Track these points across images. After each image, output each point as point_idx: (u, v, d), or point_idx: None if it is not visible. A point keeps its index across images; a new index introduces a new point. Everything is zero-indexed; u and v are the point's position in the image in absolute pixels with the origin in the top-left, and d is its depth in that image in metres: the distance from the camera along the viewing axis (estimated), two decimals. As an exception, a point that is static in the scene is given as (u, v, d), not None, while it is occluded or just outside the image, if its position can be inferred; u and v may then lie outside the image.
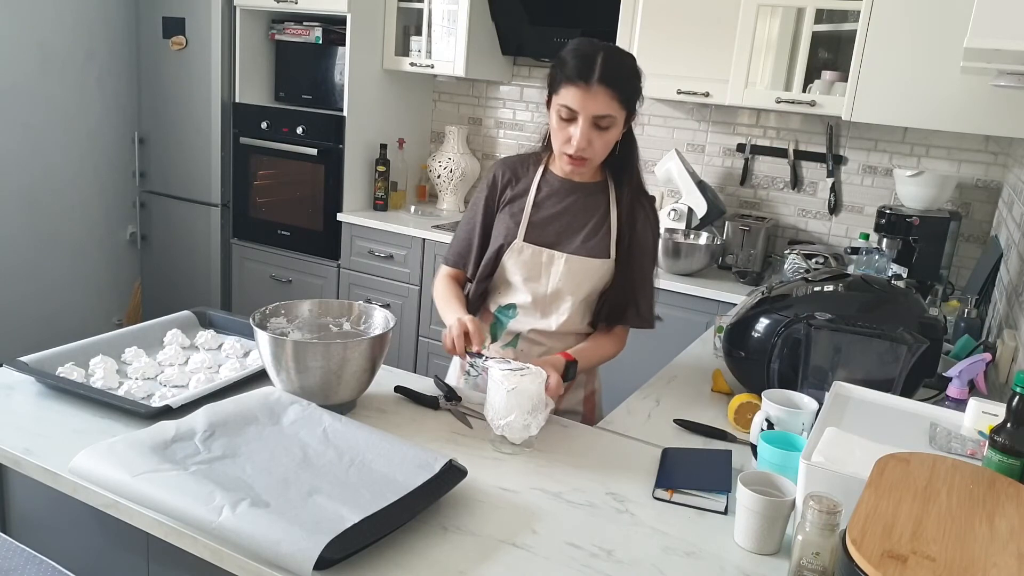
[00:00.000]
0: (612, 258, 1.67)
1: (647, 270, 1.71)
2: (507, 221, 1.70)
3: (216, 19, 3.59)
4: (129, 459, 1.18)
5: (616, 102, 1.53)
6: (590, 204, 1.69)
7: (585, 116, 1.53)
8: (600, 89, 1.51)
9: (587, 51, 1.53)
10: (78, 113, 3.71)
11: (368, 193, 3.66)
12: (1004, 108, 2.29)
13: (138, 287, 4.15)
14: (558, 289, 1.67)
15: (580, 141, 1.55)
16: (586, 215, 1.68)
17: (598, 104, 1.52)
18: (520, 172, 1.74)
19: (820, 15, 2.83)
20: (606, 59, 1.52)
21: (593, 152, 1.58)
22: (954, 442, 1.25)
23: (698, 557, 1.14)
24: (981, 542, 0.87)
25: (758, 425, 1.40)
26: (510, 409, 1.35)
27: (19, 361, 1.49)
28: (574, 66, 1.52)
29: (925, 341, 1.54)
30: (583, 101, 1.52)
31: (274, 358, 1.41)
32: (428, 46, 3.50)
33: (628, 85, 1.55)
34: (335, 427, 1.32)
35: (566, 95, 1.54)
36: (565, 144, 1.58)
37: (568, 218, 1.68)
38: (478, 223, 1.74)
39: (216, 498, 1.10)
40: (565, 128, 1.57)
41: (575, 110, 1.53)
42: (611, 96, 1.52)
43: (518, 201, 1.70)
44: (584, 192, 1.69)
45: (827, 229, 3.19)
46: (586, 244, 1.66)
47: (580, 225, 1.68)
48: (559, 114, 1.56)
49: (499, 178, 1.74)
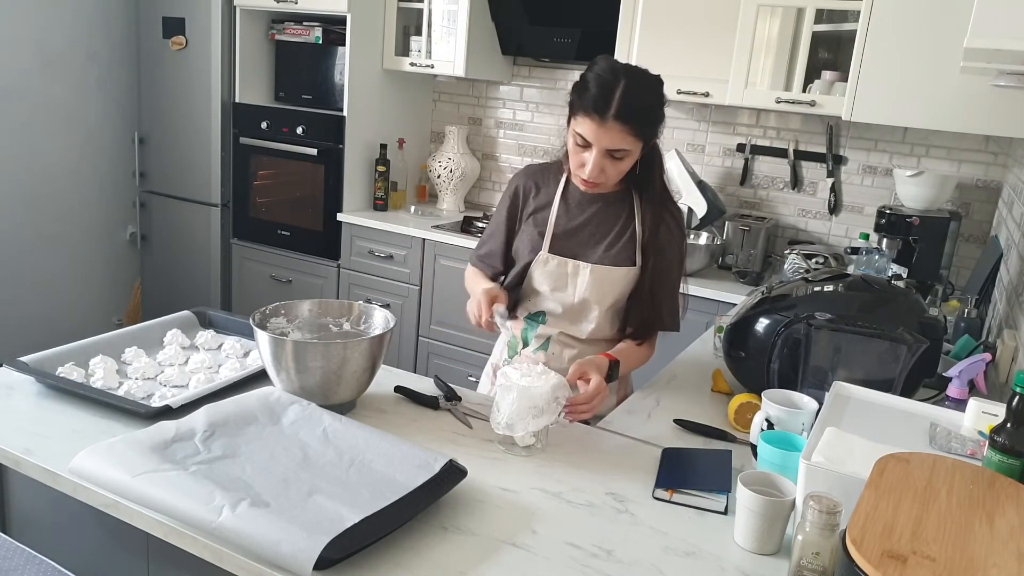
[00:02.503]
0: (637, 265, 1.67)
1: (673, 279, 1.72)
2: (531, 232, 1.71)
3: (216, 19, 3.59)
4: (129, 459, 1.18)
5: (631, 136, 1.52)
6: (612, 213, 1.69)
7: (598, 148, 1.54)
8: (615, 125, 1.50)
9: (608, 81, 1.51)
10: (78, 113, 3.71)
11: (368, 193, 3.66)
12: (1004, 108, 2.29)
13: (138, 287, 4.15)
14: (585, 299, 1.68)
15: (592, 171, 1.56)
16: (609, 224, 1.69)
17: (612, 139, 1.52)
18: (542, 183, 1.74)
19: (820, 15, 2.83)
20: (625, 92, 1.49)
21: (606, 178, 1.59)
22: (954, 442, 1.25)
23: (698, 557, 1.14)
24: (981, 542, 0.87)
25: (758, 425, 1.40)
26: (514, 411, 1.35)
27: (19, 361, 1.49)
28: (592, 97, 1.51)
29: (925, 341, 1.54)
30: (597, 134, 1.52)
31: (274, 358, 1.41)
32: (428, 46, 3.50)
33: (646, 119, 1.54)
34: (335, 427, 1.32)
35: (581, 124, 1.53)
36: (579, 168, 1.59)
37: (591, 228, 1.69)
38: (502, 231, 1.76)
39: (216, 498, 1.10)
40: (580, 153, 1.58)
41: (589, 141, 1.54)
42: (626, 132, 1.51)
43: (542, 212, 1.72)
44: (606, 201, 1.70)
45: (827, 229, 3.19)
46: (609, 253, 1.67)
47: (603, 234, 1.68)
48: (575, 140, 1.57)
49: (520, 189, 1.75)
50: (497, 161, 3.87)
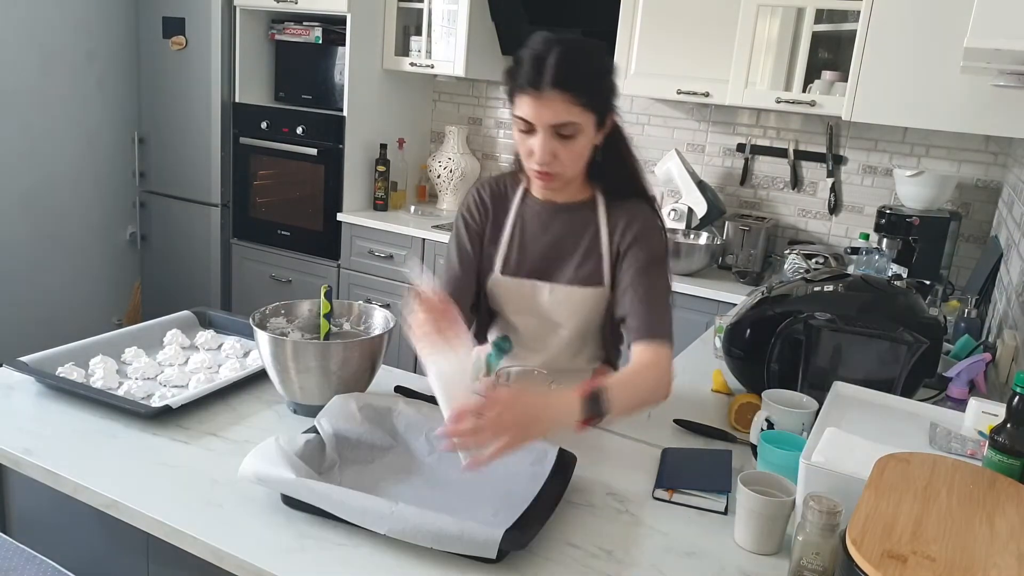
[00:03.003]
0: (606, 285, 1.50)
1: (656, 284, 1.48)
2: (490, 252, 1.56)
3: (216, 19, 3.58)
4: (291, 463, 1.16)
5: (576, 107, 1.33)
6: (578, 226, 1.51)
7: (541, 126, 1.35)
8: (554, 95, 1.31)
9: (539, 51, 1.33)
10: (78, 113, 3.71)
11: (368, 193, 3.66)
12: (1004, 108, 2.29)
13: (138, 287, 4.14)
14: (547, 321, 1.53)
15: (541, 155, 1.37)
16: (575, 240, 1.51)
17: (554, 112, 1.33)
18: (498, 198, 1.57)
19: (820, 15, 2.83)
20: (560, 58, 1.31)
21: (561, 165, 1.40)
22: (954, 442, 1.25)
23: (698, 557, 1.14)
24: (981, 542, 0.87)
25: (758, 425, 1.40)
26: (442, 402, 1.18)
27: (19, 361, 1.49)
28: (524, 71, 1.33)
29: (925, 341, 1.54)
30: (536, 110, 1.34)
31: (274, 358, 1.41)
32: (428, 46, 3.50)
33: (589, 85, 1.35)
34: (435, 430, 1.30)
35: (520, 105, 1.36)
36: (529, 158, 1.41)
37: (555, 245, 1.52)
38: (455, 261, 1.57)
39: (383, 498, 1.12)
40: (526, 141, 1.40)
41: (530, 121, 1.36)
42: (568, 101, 1.32)
43: (499, 231, 1.55)
44: (569, 213, 1.52)
45: (827, 229, 3.19)
46: (578, 272, 1.51)
47: (569, 251, 1.51)
48: (517, 127, 1.39)
49: (475, 213, 1.57)
50: (497, 161, 3.87)
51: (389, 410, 1.37)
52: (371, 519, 1.08)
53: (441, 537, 1.05)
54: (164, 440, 1.34)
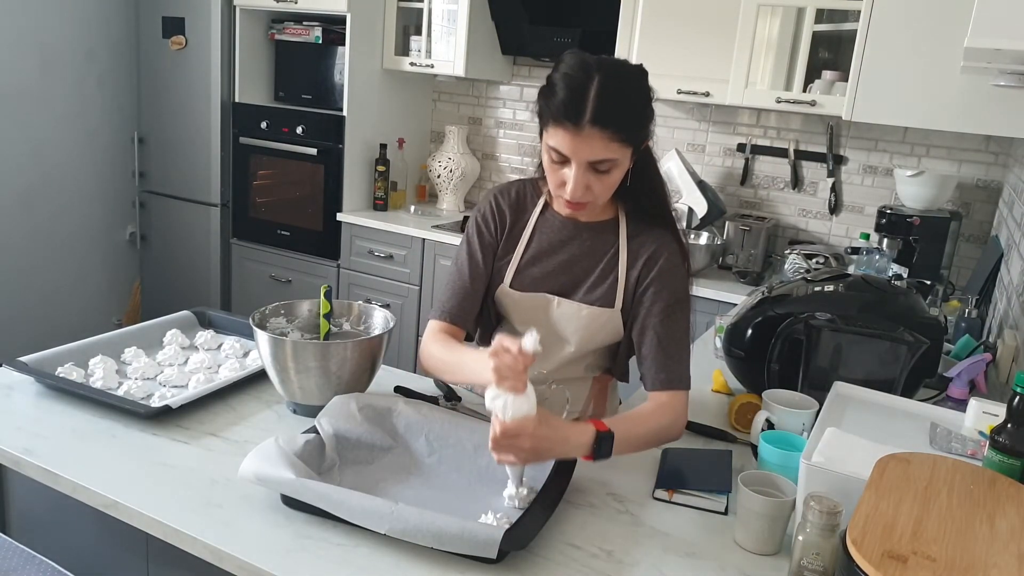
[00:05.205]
0: (617, 308, 1.43)
1: (676, 328, 1.40)
2: (502, 263, 1.49)
3: (216, 19, 3.59)
4: (290, 463, 1.16)
5: (616, 143, 1.26)
6: (597, 247, 1.45)
7: (578, 162, 1.27)
8: (593, 132, 1.24)
9: (578, 80, 1.24)
10: (78, 113, 3.71)
11: (368, 193, 3.66)
12: (1004, 108, 2.29)
13: (138, 287, 4.14)
14: (553, 334, 1.46)
15: (574, 190, 1.29)
16: (592, 261, 1.45)
17: (592, 150, 1.26)
18: (516, 207, 1.50)
19: (820, 15, 2.84)
20: (601, 91, 1.23)
21: (593, 196, 1.33)
22: (954, 442, 1.25)
23: (698, 557, 1.14)
24: (981, 542, 0.87)
25: (758, 425, 1.40)
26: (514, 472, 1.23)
27: (19, 361, 1.49)
28: (562, 102, 1.24)
29: (925, 341, 1.54)
30: (574, 146, 1.26)
31: (274, 358, 1.41)
32: (428, 46, 3.50)
33: (630, 119, 1.28)
34: (435, 431, 1.33)
35: (555, 136, 1.27)
36: (559, 188, 1.33)
37: (571, 263, 1.45)
38: (467, 273, 1.49)
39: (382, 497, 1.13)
40: (558, 171, 1.31)
41: (566, 155, 1.28)
42: (609, 138, 1.25)
43: (514, 242, 1.49)
44: (591, 232, 1.45)
45: (827, 229, 3.19)
46: (590, 293, 1.44)
47: (585, 272, 1.45)
48: (550, 156, 1.30)
49: (490, 223, 1.50)
50: (497, 161, 3.87)
51: (389, 410, 1.36)
52: (371, 519, 1.08)
53: (441, 537, 1.05)
54: (164, 440, 1.34)
